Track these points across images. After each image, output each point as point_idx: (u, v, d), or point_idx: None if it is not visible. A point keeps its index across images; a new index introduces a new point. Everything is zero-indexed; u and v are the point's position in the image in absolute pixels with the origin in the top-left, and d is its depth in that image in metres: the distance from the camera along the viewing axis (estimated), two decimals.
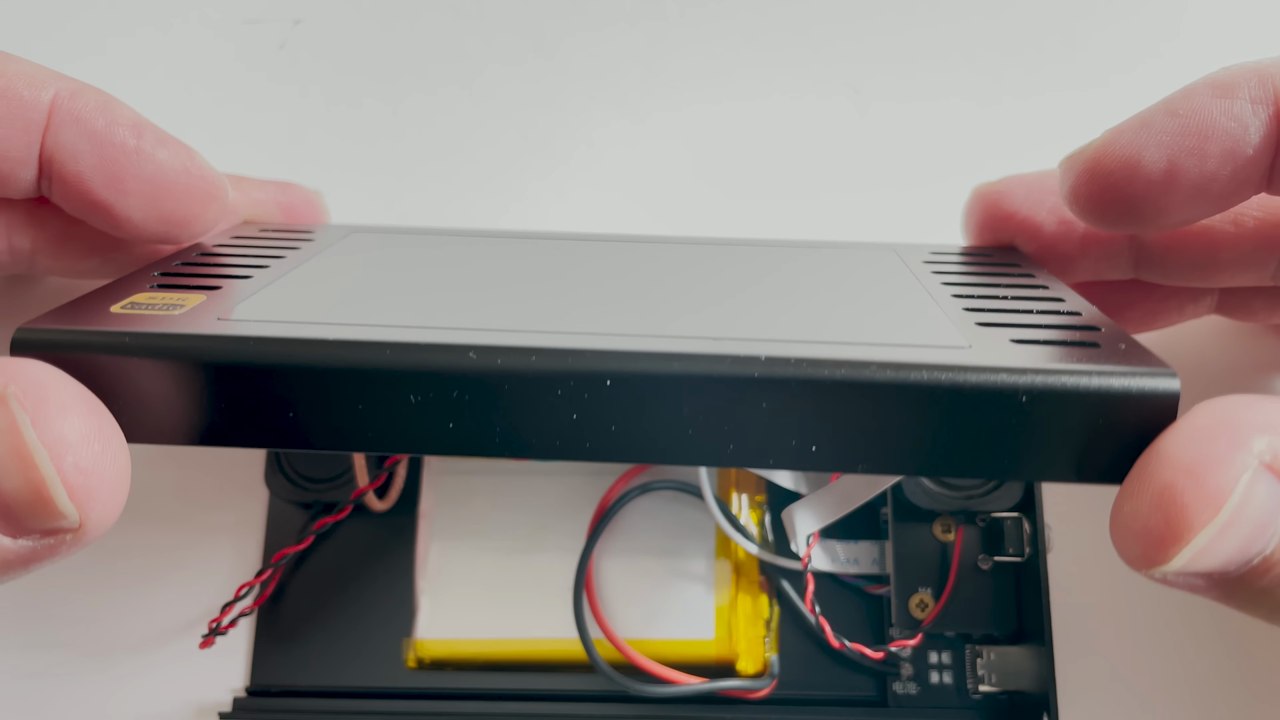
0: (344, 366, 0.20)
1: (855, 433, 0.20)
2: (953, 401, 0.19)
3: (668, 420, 0.20)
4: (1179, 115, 0.23)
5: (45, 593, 0.33)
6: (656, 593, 0.31)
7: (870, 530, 0.32)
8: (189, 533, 0.33)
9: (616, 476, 0.31)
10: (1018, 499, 0.30)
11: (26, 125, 0.25)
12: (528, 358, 0.20)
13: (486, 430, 0.20)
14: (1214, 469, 0.18)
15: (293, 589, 0.32)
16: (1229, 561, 0.19)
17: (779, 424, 0.20)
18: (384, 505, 0.31)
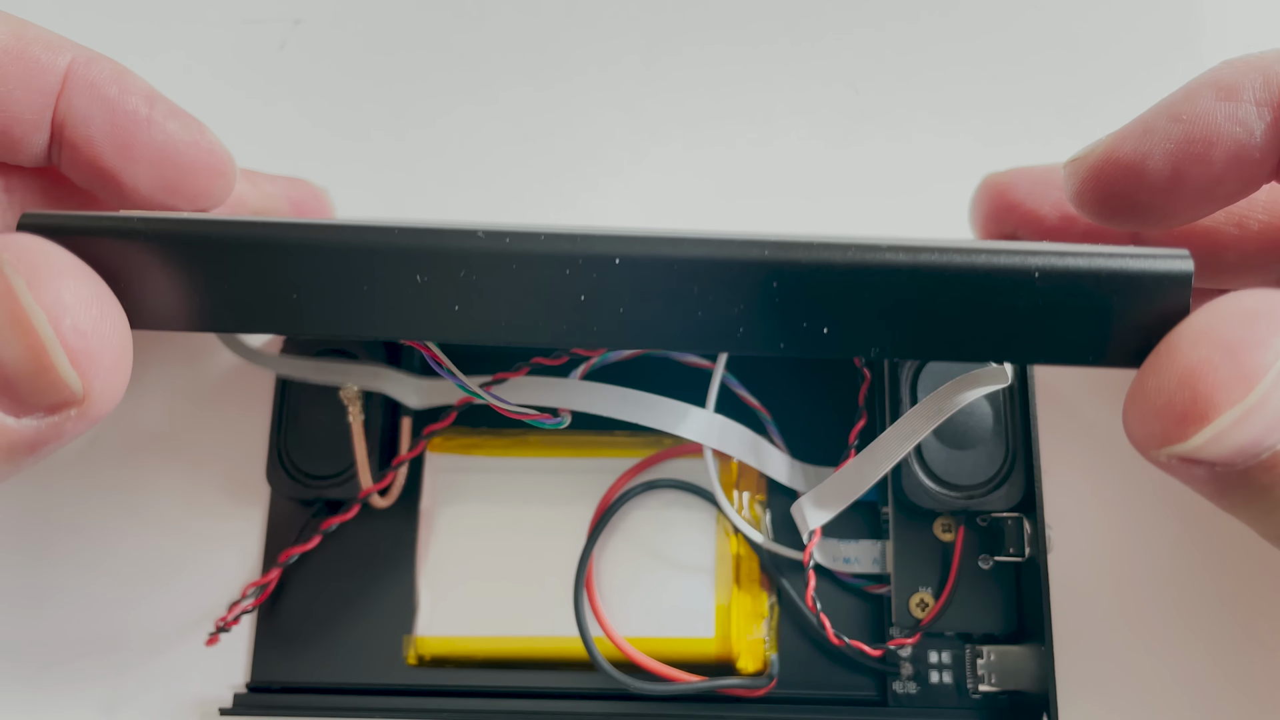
0: (351, 246, 0.20)
1: (868, 315, 0.19)
2: (966, 280, 0.19)
3: (677, 301, 0.19)
4: (1182, 121, 0.23)
5: (49, 592, 0.33)
6: (656, 591, 0.31)
7: (871, 530, 0.32)
8: (190, 530, 0.33)
9: (617, 476, 0.31)
10: (1018, 499, 0.30)
11: (41, 88, 0.25)
12: (536, 238, 0.19)
13: (492, 312, 0.20)
14: (1251, 350, 0.18)
15: (294, 586, 0.32)
16: (1243, 450, 0.19)
17: (790, 306, 0.19)
18: (385, 502, 0.31)
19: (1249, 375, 0.18)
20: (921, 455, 0.30)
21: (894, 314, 0.19)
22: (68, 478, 0.34)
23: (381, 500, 0.31)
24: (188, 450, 0.34)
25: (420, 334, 0.20)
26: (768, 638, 0.31)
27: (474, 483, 0.32)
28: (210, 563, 0.33)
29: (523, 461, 0.32)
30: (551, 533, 0.31)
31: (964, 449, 0.30)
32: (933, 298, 0.19)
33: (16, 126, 0.25)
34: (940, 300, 0.19)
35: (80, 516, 0.33)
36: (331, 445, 0.32)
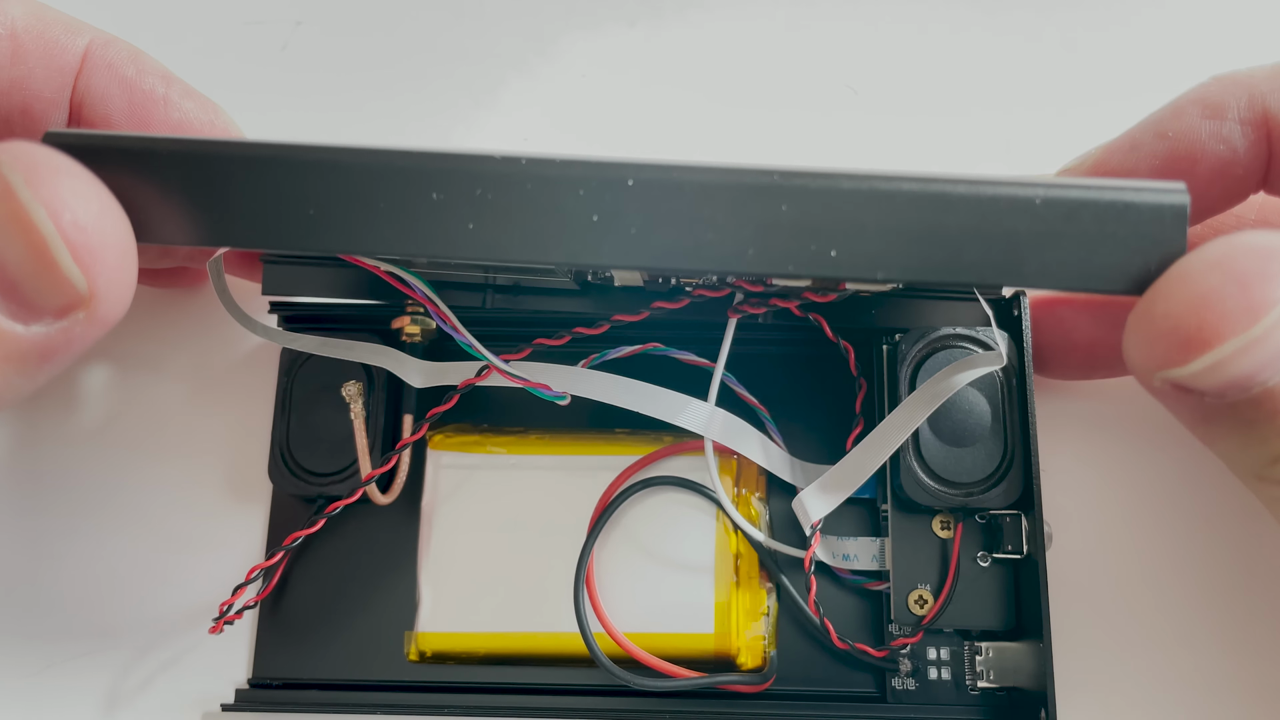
0: (370, 165, 0.20)
1: (875, 239, 0.20)
2: (971, 204, 0.20)
3: (688, 223, 0.20)
4: (1168, 138, 0.23)
5: (50, 588, 0.33)
6: (656, 587, 0.31)
7: (871, 527, 0.32)
8: (192, 527, 0.33)
9: (618, 473, 0.32)
10: (1016, 496, 0.30)
11: (60, 68, 0.26)
12: (551, 162, 0.20)
13: (506, 231, 0.20)
14: (1263, 283, 0.19)
15: (296, 582, 0.32)
16: (1238, 380, 0.19)
17: (799, 229, 0.20)
18: (387, 499, 0.31)
19: (1257, 307, 0.19)
20: (920, 452, 0.30)
21: (900, 237, 0.20)
22: (69, 473, 0.34)
23: (383, 497, 0.31)
24: (190, 447, 0.34)
25: (434, 250, 0.20)
26: (767, 634, 0.31)
27: (475, 479, 0.32)
28: (212, 560, 0.33)
29: (524, 459, 0.32)
30: (552, 529, 0.32)
31: (962, 446, 0.30)
32: (939, 222, 0.20)
33: (36, 104, 0.26)
34: (946, 224, 0.20)
35: (81, 513, 0.33)
36: (333, 443, 0.32)
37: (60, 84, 0.27)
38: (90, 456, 0.34)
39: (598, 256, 0.20)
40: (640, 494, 0.31)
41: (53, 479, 0.34)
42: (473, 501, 0.32)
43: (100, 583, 0.33)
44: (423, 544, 0.32)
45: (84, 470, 0.34)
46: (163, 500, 0.33)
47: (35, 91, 0.26)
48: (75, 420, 0.34)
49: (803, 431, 0.33)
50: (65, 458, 0.34)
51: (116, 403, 0.34)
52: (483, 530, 0.32)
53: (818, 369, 0.34)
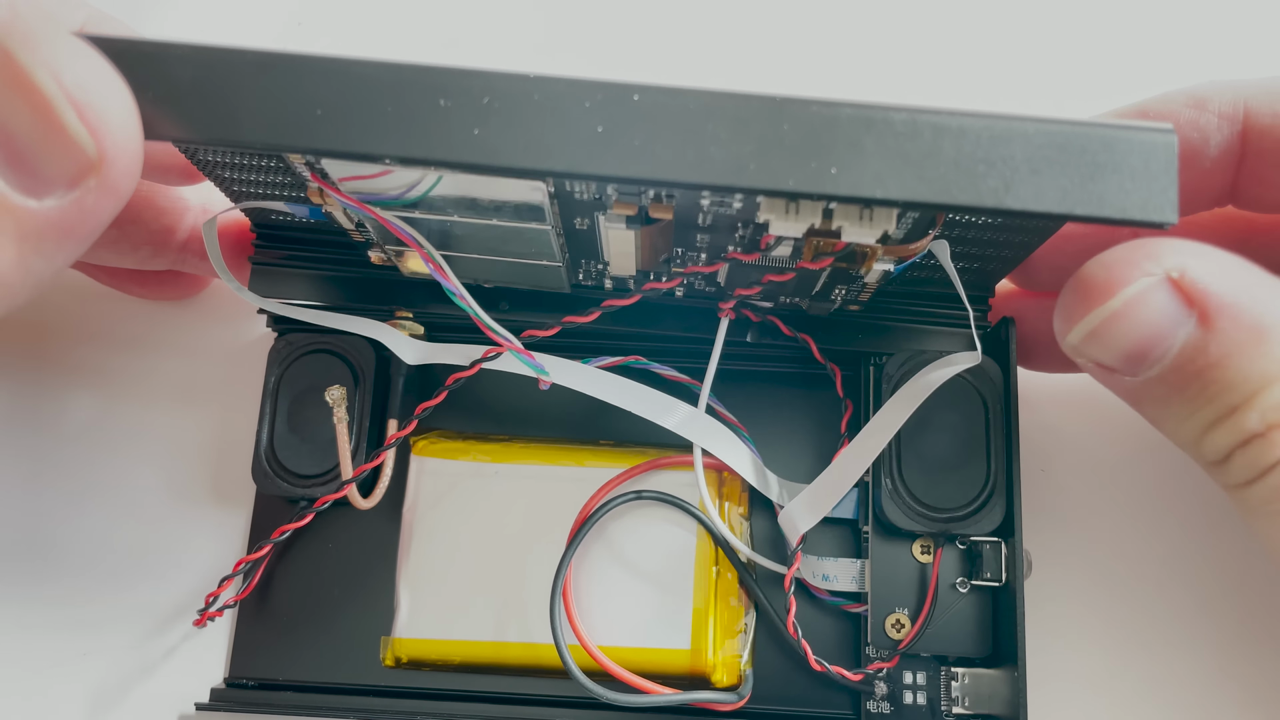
0: (379, 72, 0.21)
1: (873, 160, 0.20)
2: (967, 130, 0.21)
3: (692, 137, 0.21)
4: (1148, 115, 0.24)
5: (30, 586, 0.33)
6: (634, 601, 0.31)
7: (852, 548, 0.32)
8: (173, 528, 0.33)
9: (600, 485, 0.32)
10: (997, 524, 0.30)
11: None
12: (559, 78, 0.21)
13: (511, 138, 0.21)
14: (1124, 267, 0.22)
15: (276, 583, 0.32)
16: (1121, 355, 0.23)
17: (800, 146, 0.21)
18: (369, 504, 0.31)
19: (1114, 284, 0.22)
20: (902, 476, 0.30)
21: (899, 159, 0.21)
22: (51, 471, 0.34)
23: (364, 501, 0.31)
24: (174, 448, 0.34)
25: (438, 154, 0.21)
26: (744, 653, 0.31)
27: (458, 486, 0.32)
28: (193, 561, 0.33)
29: (507, 467, 0.32)
30: (532, 539, 0.32)
31: (944, 472, 0.30)
32: (936, 146, 0.21)
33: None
34: (942, 148, 0.21)
35: (62, 513, 0.33)
36: (318, 445, 0.32)
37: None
38: (73, 457, 0.34)
39: (601, 166, 0.21)
40: (622, 507, 0.31)
41: (35, 477, 0.34)
42: (454, 509, 0.32)
43: (83, 580, 0.33)
44: (402, 550, 0.32)
45: (66, 471, 0.34)
46: (145, 500, 0.34)
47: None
48: (60, 420, 0.34)
49: (785, 455, 0.33)
50: (49, 456, 0.34)
51: (103, 403, 0.34)
52: (463, 538, 0.32)
53: (802, 395, 0.34)
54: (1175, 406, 0.23)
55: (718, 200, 0.24)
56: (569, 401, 0.33)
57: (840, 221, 0.23)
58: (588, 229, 0.27)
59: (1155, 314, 0.22)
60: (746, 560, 0.32)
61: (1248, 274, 0.23)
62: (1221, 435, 0.23)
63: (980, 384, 0.31)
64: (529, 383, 0.32)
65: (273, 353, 0.33)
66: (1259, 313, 0.22)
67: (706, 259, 0.28)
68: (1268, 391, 0.22)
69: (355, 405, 0.32)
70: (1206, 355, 0.22)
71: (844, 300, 0.30)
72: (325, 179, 0.25)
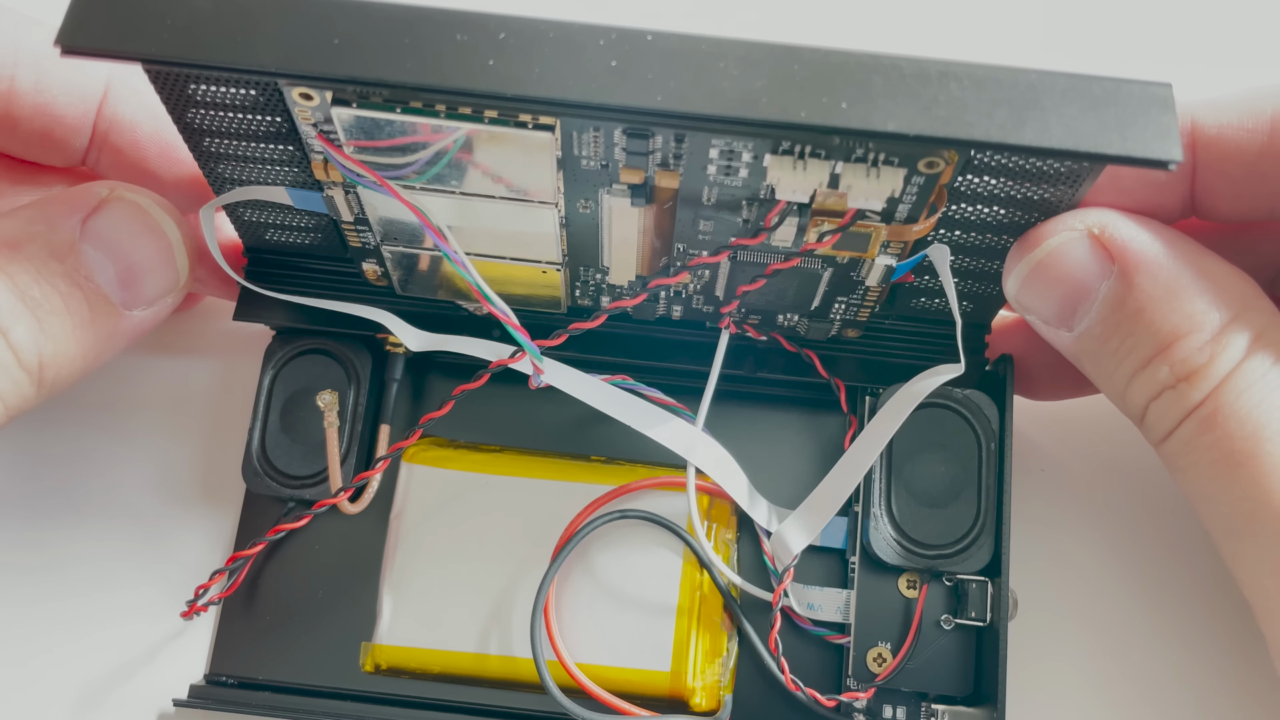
0: (398, 8, 0.21)
1: (883, 99, 0.21)
2: (975, 74, 0.21)
3: (704, 74, 0.21)
4: None
5: (18, 585, 0.33)
6: (616, 620, 0.31)
7: (839, 578, 0.32)
8: (162, 525, 0.33)
9: (588, 501, 0.31)
10: (985, 563, 0.29)
11: (84, 95, 0.28)
12: (574, 23, 0.21)
13: (525, 69, 0.21)
14: (1053, 223, 0.25)
15: (260, 582, 0.32)
16: (1053, 305, 0.25)
17: (811, 84, 0.21)
18: (356, 509, 0.31)
19: (1043, 236, 0.25)
20: (891, 510, 0.30)
21: (908, 99, 0.21)
22: (40, 464, 0.34)
23: (351, 507, 0.31)
24: (165, 444, 0.34)
25: (452, 82, 0.21)
26: (724, 678, 0.31)
27: (446, 495, 0.32)
28: (181, 557, 0.33)
29: (497, 479, 0.32)
30: (518, 552, 0.31)
31: (934, 508, 0.30)
32: (944, 88, 0.21)
33: (58, 129, 0.28)
34: (950, 90, 0.21)
35: (51, 510, 0.34)
36: (310, 446, 0.32)
37: (83, 110, 0.28)
38: (64, 454, 0.34)
39: (614, 97, 0.21)
40: (608, 526, 0.31)
41: (27, 473, 0.34)
42: (441, 517, 0.32)
43: (67, 578, 0.33)
44: (388, 555, 0.32)
45: (56, 467, 0.34)
46: (133, 498, 0.34)
47: (58, 117, 0.28)
48: (50, 417, 0.34)
49: (782, 482, 0.33)
50: (40, 452, 0.34)
51: (95, 400, 0.35)
52: (448, 547, 0.32)
53: (802, 419, 0.34)
54: (1104, 361, 0.25)
55: (724, 165, 0.24)
56: (562, 414, 0.33)
57: (848, 181, 0.23)
58: (590, 213, 0.27)
59: (1077, 264, 0.25)
60: (730, 584, 0.31)
61: (1166, 235, 0.25)
62: (1138, 388, 0.25)
63: (975, 420, 0.30)
64: (524, 393, 0.32)
65: (268, 352, 0.33)
66: (1174, 270, 0.24)
67: (710, 253, 0.28)
68: (1178, 345, 0.24)
69: (348, 408, 0.32)
70: (1125, 308, 0.24)
71: (843, 320, 0.30)
72: (333, 141, 0.25)
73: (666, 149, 0.24)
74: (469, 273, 0.26)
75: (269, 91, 0.24)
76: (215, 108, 0.25)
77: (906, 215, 0.25)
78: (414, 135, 0.24)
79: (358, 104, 0.23)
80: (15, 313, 0.25)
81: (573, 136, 0.24)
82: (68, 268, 0.26)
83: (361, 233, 0.29)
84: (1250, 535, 0.24)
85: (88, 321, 0.26)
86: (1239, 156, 0.25)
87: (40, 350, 0.25)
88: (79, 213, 0.26)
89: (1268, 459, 0.23)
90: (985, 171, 0.25)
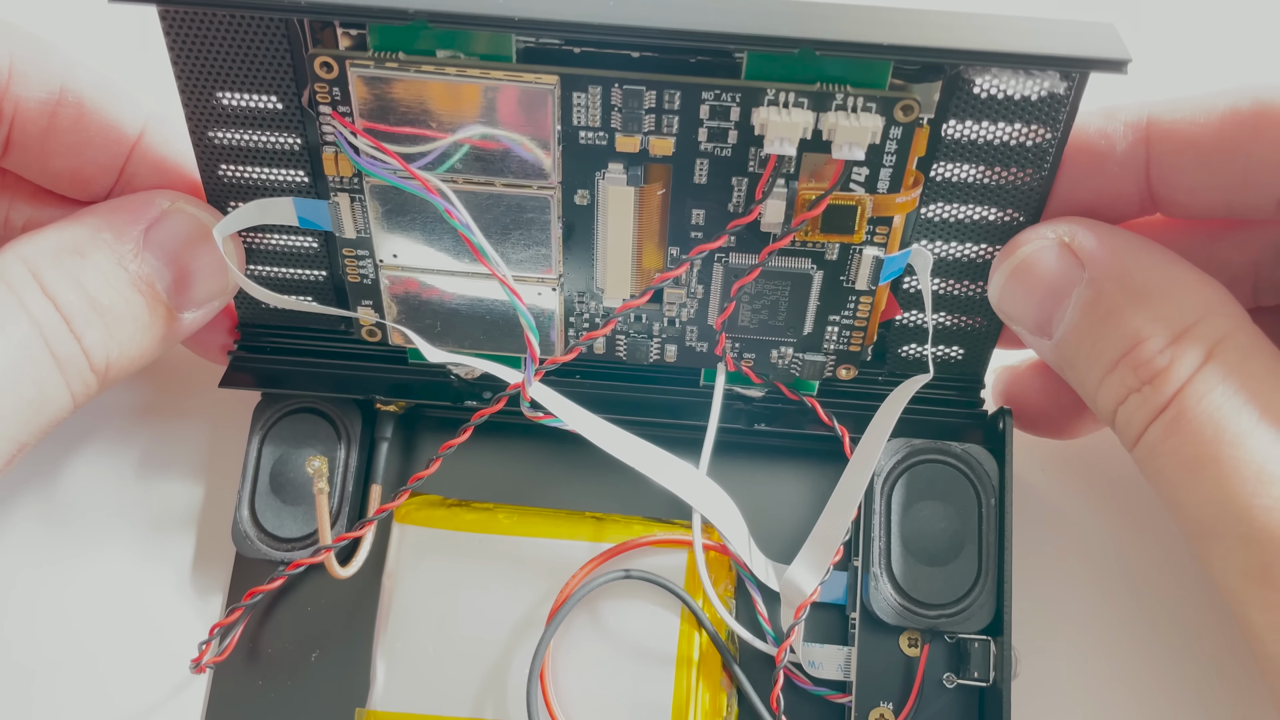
0: None
1: (853, 26, 0.24)
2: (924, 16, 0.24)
3: (695, 6, 0.24)
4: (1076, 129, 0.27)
5: (14, 639, 0.33)
6: (614, 682, 0.30)
7: (839, 634, 0.31)
8: (154, 585, 0.33)
9: (583, 562, 0.31)
10: (987, 622, 0.29)
11: (118, 140, 0.29)
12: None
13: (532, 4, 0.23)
14: (1026, 233, 0.27)
15: (254, 644, 0.32)
16: (1031, 311, 0.27)
17: (792, 19, 0.24)
18: (346, 573, 0.31)
19: (1017, 244, 0.27)
20: (891, 569, 0.29)
21: (883, 26, 0.24)
22: (35, 528, 0.33)
23: (342, 571, 0.31)
24: (156, 505, 0.34)
25: (463, 6, 0.24)
26: None
27: (439, 556, 0.32)
28: (173, 618, 0.33)
29: (491, 539, 0.32)
30: (513, 613, 0.31)
31: (935, 566, 0.29)
32: (916, 18, 0.24)
33: (88, 168, 0.30)
34: (923, 20, 0.24)
35: (37, 577, 0.33)
36: (300, 508, 0.32)
37: (115, 154, 0.29)
38: (58, 519, 0.34)
39: (612, 17, 0.23)
40: (605, 586, 0.31)
41: (23, 537, 0.33)
42: (435, 579, 0.31)
43: (59, 636, 0.32)
44: (381, 618, 0.31)
45: (48, 534, 0.34)
46: (125, 556, 0.33)
47: (91, 157, 0.29)
48: (45, 482, 0.34)
49: (785, 536, 0.32)
50: (39, 516, 0.34)
51: (83, 464, 0.34)
52: (443, 609, 0.31)
53: (799, 470, 0.33)
54: (1079, 366, 0.26)
55: (714, 126, 0.26)
56: (556, 468, 0.33)
57: (831, 122, 0.25)
58: (587, 204, 0.28)
59: (1050, 270, 0.26)
60: (729, 642, 0.31)
61: (1135, 242, 0.26)
62: (1107, 391, 0.25)
63: (975, 476, 0.30)
64: (516, 446, 0.32)
65: (256, 413, 0.32)
66: (1141, 275, 0.25)
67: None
68: (1140, 347, 0.25)
69: (338, 468, 0.32)
70: (1095, 311, 0.25)
71: (837, 350, 0.30)
72: (346, 116, 0.26)
73: (660, 107, 0.26)
74: (475, 235, 0.27)
75: (289, 97, 0.27)
76: (237, 119, 0.27)
77: (889, 184, 0.26)
78: (423, 107, 0.26)
79: (375, 64, 0.25)
80: (88, 319, 0.26)
81: (572, 99, 0.26)
82: (132, 275, 0.27)
83: (361, 261, 0.29)
84: (1218, 538, 0.24)
85: (147, 325, 0.28)
86: (1192, 150, 0.26)
87: (108, 353, 0.27)
88: (141, 223, 0.28)
89: (1229, 462, 0.23)
90: (966, 114, 0.26)
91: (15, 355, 0.25)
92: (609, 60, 0.26)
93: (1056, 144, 0.26)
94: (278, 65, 0.26)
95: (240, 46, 0.26)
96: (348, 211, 0.28)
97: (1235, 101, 0.26)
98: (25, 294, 0.26)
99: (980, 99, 0.26)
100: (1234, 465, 0.23)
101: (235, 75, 0.27)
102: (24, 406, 0.26)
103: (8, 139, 0.28)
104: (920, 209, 0.28)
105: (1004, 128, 0.26)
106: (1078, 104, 0.26)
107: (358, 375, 0.32)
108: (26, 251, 0.27)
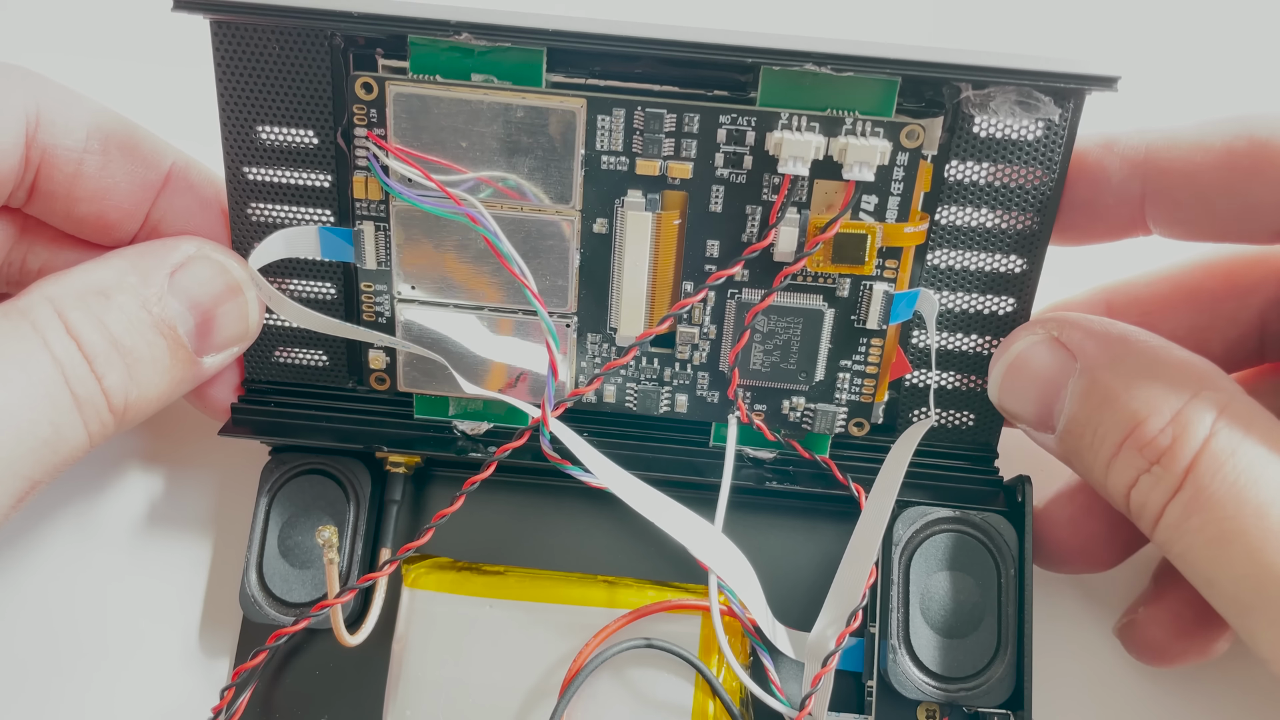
0: None
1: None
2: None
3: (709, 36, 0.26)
4: (1074, 157, 0.28)
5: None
6: None
7: (855, 703, 0.31)
8: (160, 650, 0.33)
9: (595, 629, 0.30)
10: (1006, 696, 0.29)
11: (144, 184, 0.30)
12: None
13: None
14: (1019, 330, 0.28)
15: (263, 710, 0.32)
16: (1031, 406, 0.27)
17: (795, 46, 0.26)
18: (355, 640, 0.30)
19: (1010, 342, 0.28)
20: (909, 641, 0.29)
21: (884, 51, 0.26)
22: (38, 595, 0.33)
23: (350, 639, 0.30)
24: (162, 568, 0.33)
25: (506, 20, 0.26)
26: None
27: (450, 622, 0.31)
28: (178, 683, 0.32)
29: (502, 604, 0.31)
30: (525, 682, 0.30)
31: (953, 638, 0.29)
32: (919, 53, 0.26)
33: (114, 213, 0.30)
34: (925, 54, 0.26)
35: (46, 645, 0.33)
36: (309, 572, 0.31)
37: (141, 198, 0.30)
38: (56, 580, 0.33)
39: (637, 31, 0.26)
40: (618, 657, 0.30)
41: (24, 600, 0.33)
42: (445, 645, 0.31)
43: (63, 702, 0.32)
44: (390, 684, 0.31)
45: (54, 585, 0.33)
46: (132, 619, 0.33)
47: (116, 203, 0.29)
48: (44, 544, 0.34)
49: (803, 600, 0.32)
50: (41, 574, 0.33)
51: (93, 523, 0.34)
52: (453, 676, 0.31)
53: (815, 529, 0.33)
54: (1084, 455, 0.26)
55: (730, 151, 0.27)
56: (567, 531, 0.33)
57: (842, 144, 0.27)
58: (605, 234, 0.29)
59: (1043, 365, 0.27)
60: (744, 710, 0.31)
61: (1123, 329, 0.27)
62: (1116, 475, 0.26)
63: (994, 546, 0.29)
64: (526, 508, 0.32)
65: (264, 474, 0.32)
66: (1134, 359, 0.26)
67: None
68: (1141, 428, 0.25)
69: (347, 531, 0.31)
70: (1091, 399, 0.26)
71: (849, 400, 0.30)
72: (381, 136, 0.28)
73: (680, 130, 0.28)
74: (501, 242, 0.27)
75: (325, 131, 0.29)
76: (273, 154, 0.29)
77: (897, 213, 0.28)
78: (455, 128, 0.27)
79: (412, 79, 0.27)
80: (110, 360, 0.27)
81: (597, 123, 0.27)
82: (155, 318, 0.28)
83: (378, 298, 0.30)
84: (1261, 610, 0.23)
85: (167, 368, 0.28)
86: (1189, 187, 0.27)
87: (127, 394, 0.27)
88: (167, 267, 0.28)
89: (1257, 533, 0.23)
90: (967, 155, 0.27)
91: (35, 394, 0.25)
92: (632, 92, 0.28)
93: (1055, 178, 0.28)
94: (319, 92, 0.28)
95: (285, 67, 0.28)
96: (370, 240, 0.29)
97: (1232, 140, 0.26)
98: (49, 333, 0.26)
99: (980, 138, 0.27)
100: (1263, 536, 0.23)
101: (277, 100, 0.28)
102: (40, 445, 0.26)
103: (34, 185, 0.29)
104: (927, 254, 0.28)
105: (1004, 169, 0.28)
106: (1074, 133, 0.27)
107: (362, 428, 0.32)
108: (53, 291, 0.27)
